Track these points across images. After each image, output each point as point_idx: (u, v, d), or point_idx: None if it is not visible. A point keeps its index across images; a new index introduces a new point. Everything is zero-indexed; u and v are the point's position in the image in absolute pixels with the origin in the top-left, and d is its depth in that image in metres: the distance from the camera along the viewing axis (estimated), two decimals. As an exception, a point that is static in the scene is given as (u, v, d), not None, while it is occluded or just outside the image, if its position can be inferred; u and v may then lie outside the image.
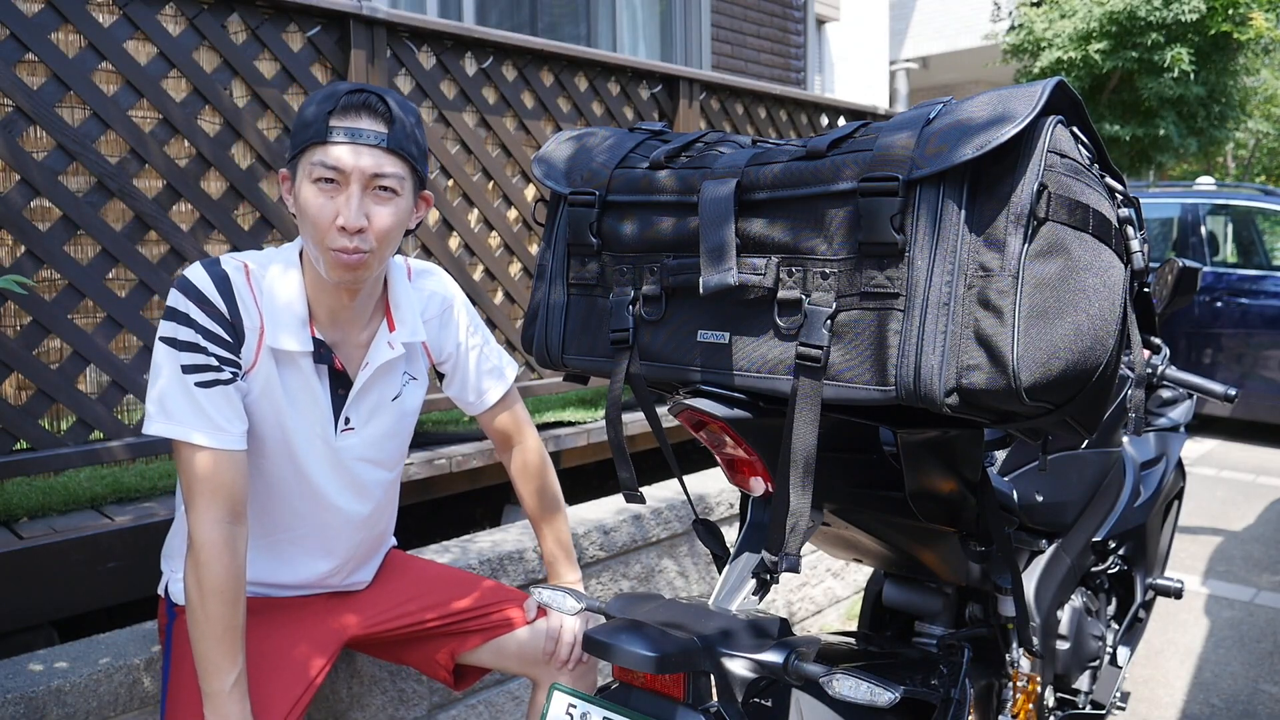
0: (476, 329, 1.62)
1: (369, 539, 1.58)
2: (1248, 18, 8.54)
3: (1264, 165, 14.72)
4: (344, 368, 1.44)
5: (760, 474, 1.15)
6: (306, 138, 1.30)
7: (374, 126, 1.30)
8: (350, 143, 1.28)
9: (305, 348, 1.38)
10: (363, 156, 1.29)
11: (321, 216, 1.30)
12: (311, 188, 1.30)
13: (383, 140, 1.30)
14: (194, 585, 1.32)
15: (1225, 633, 3.20)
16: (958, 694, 1.38)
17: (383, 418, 1.50)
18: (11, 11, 1.89)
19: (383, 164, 1.30)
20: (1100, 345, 0.92)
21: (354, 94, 1.30)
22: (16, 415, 1.94)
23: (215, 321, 1.32)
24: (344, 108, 1.29)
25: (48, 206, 2.01)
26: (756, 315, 1.04)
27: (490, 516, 3.16)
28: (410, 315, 1.50)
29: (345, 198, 1.29)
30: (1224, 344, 5.98)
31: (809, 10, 6.85)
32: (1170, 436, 2.41)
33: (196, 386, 1.30)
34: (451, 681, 1.66)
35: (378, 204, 1.32)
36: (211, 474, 1.31)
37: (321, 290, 1.40)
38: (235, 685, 1.32)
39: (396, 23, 2.44)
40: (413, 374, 1.54)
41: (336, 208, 1.29)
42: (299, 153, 1.32)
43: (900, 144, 0.94)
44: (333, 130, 1.28)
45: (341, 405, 1.45)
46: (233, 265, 1.36)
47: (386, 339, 1.46)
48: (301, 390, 1.41)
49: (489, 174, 2.79)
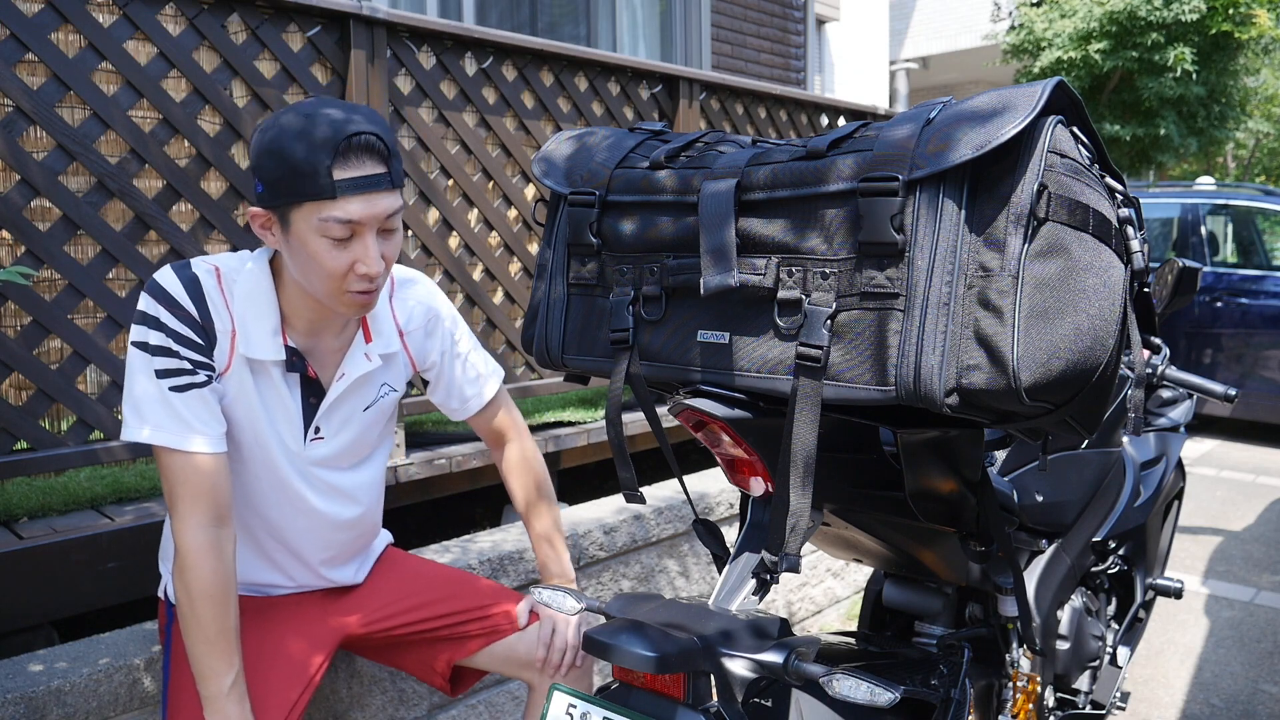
0: (462, 338, 1.60)
1: (354, 538, 1.58)
2: (1248, 17, 8.54)
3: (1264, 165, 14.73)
4: (317, 376, 1.42)
5: (760, 474, 1.15)
6: (308, 192, 1.22)
7: (376, 169, 1.25)
8: (361, 194, 1.23)
9: (278, 357, 1.36)
10: (375, 205, 1.25)
11: (338, 267, 1.26)
12: (323, 241, 1.25)
13: (386, 182, 1.26)
14: (182, 591, 1.31)
15: (1225, 633, 3.19)
16: (958, 694, 1.38)
17: (354, 426, 1.48)
18: (11, 11, 1.89)
19: (391, 204, 1.28)
20: (1100, 345, 0.92)
21: (351, 139, 1.22)
22: (16, 415, 1.94)
23: (186, 325, 1.30)
24: (344, 155, 1.21)
25: (48, 206, 2.01)
26: (756, 315, 1.04)
27: (490, 516, 3.16)
28: (387, 326, 1.47)
29: (362, 246, 1.26)
30: (1224, 344, 5.98)
31: (809, 10, 6.85)
32: (1170, 436, 2.41)
33: (171, 391, 1.29)
34: (449, 689, 1.66)
35: (386, 240, 1.30)
36: (191, 478, 1.30)
37: (300, 302, 1.37)
38: (233, 687, 1.32)
39: (396, 23, 2.44)
40: (392, 385, 1.52)
41: (353, 256, 1.26)
42: (293, 204, 1.24)
43: (900, 144, 0.94)
44: (340, 186, 1.21)
45: (313, 415, 1.43)
46: (203, 268, 1.34)
47: (364, 350, 1.44)
48: (273, 397, 1.39)
49: (489, 174, 2.79)
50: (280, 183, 1.23)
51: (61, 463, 2.00)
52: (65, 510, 2.06)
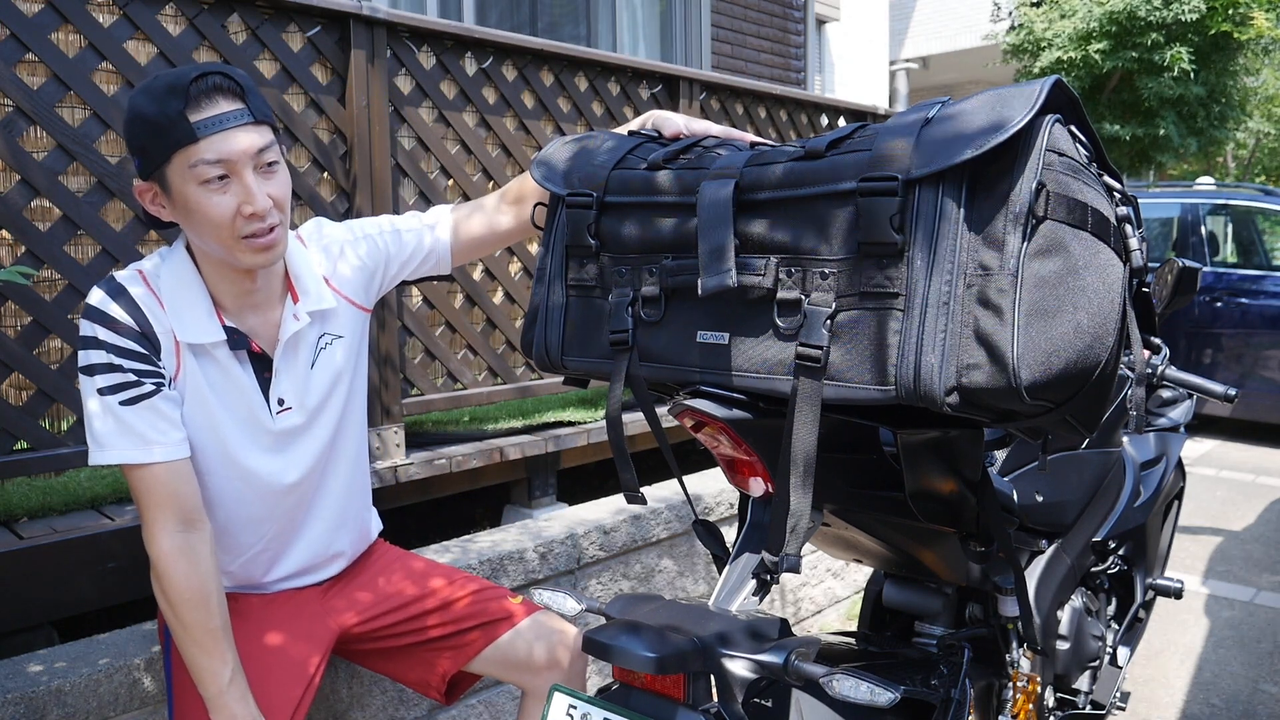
0: (362, 225, 1.56)
1: (346, 505, 1.57)
2: (1248, 17, 8.54)
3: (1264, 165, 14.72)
4: (262, 350, 1.42)
5: (760, 474, 1.15)
6: (170, 144, 1.23)
7: (233, 106, 1.25)
8: (222, 130, 1.24)
9: (217, 337, 1.36)
10: (241, 139, 1.25)
11: (224, 213, 1.26)
12: (198, 190, 1.25)
13: (248, 116, 1.26)
14: (162, 598, 1.32)
15: (1225, 633, 3.19)
16: (958, 694, 1.38)
17: (313, 387, 1.47)
18: (11, 11, 1.89)
19: (260, 138, 1.27)
20: (1100, 343, 0.92)
21: (197, 81, 1.23)
22: (16, 415, 1.94)
23: (125, 337, 1.30)
24: (196, 98, 1.23)
25: (48, 206, 2.01)
26: (756, 316, 1.04)
27: (490, 516, 3.16)
28: (312, 283, 1.46)
29: (241, 186, 1.26)
30: (1224, 344, 5.98)
31: (809, 10, 6.85)
32: (1170, 436, 2.41)
33: (121, 406, 1.29)
34: (444, 699, 1.66)
35: (269, 180, 1.30)
36: (153, 488, 1.31)
37: (221, 278, 1.37)
38: (232, 684, 1.32)
39: (396, 23, 2.44)
40: (334, 333, 1.49)
41: (236, 199, 1.26)
42: (164, 161, 1.25)
43: (899, 144, 0.94)
44: (197, 126, 1.22)
45: (267, 388, 1.43)
46: (127, 275, 1.34)
47: (292, 311, 1.43)
48: (225, 383, 1.39)
49: (489, 174, 2.79)
50: (147, 146, 1.25)
51: (61, 463, 2.00)
52: (65, 510, 2.06)
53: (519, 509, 2.90)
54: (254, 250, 1.30)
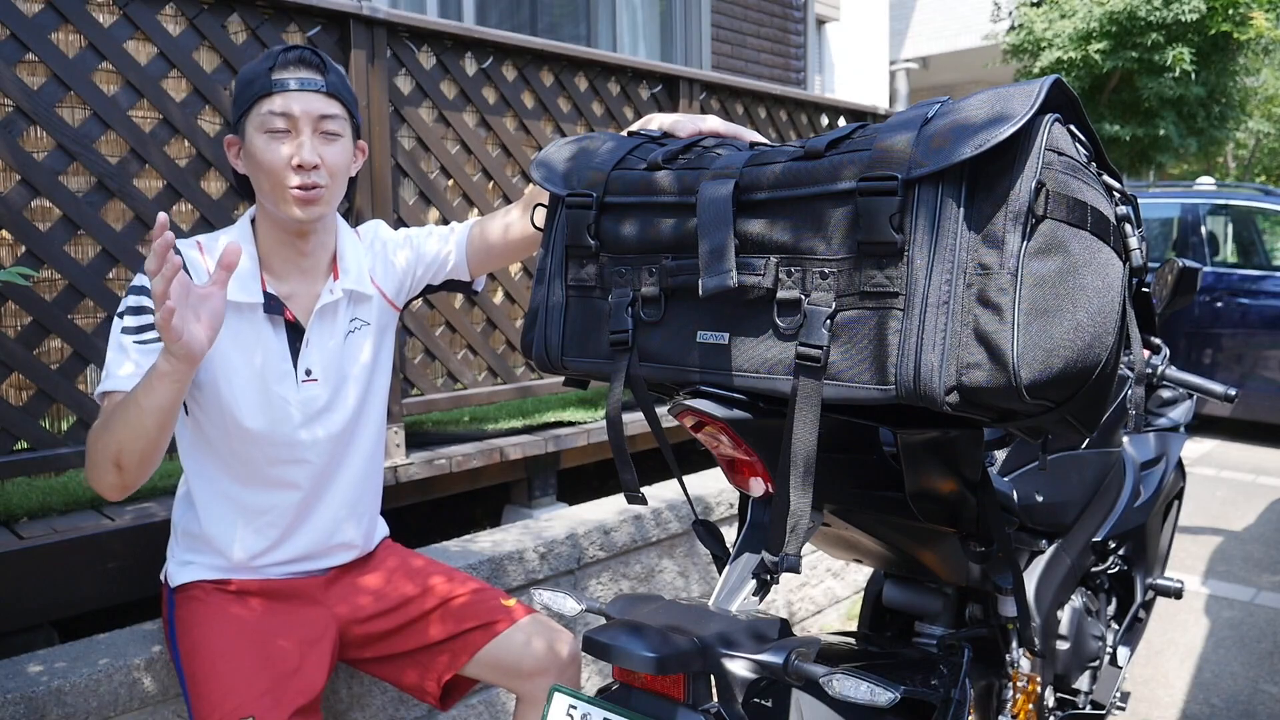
0: (408, 232, 1.69)
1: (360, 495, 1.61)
2: (1248, 17, 8.54)
3: (1264, 165, 14.72)
4: (295, 319, 1.51)
5: (760, 474, 1.14)
6: (252, 94, 1.41)
7: (312, 75, 1.43)
8: (296, 90, 1.40)
9: (256, 299, 1.46)
10: (309, 101, 1.41)
11: (277, 160, 1.40)
12: (263, 138, 1.41)
13: (322, 86, 1.43)
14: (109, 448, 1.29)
15: (1225, 633, 3.19)
16: (958, 694, 1.38)
17: (339, 361, 1.55)
18: (11, 11, 1.89)
19: (326, 107, 1.43)
20: (1100, 342, 0.92)
21: (289, 51, 1.42)
22: (16, 415, 1.94)
23: None
24: (283, 63, 1.41)
25: (48, 206, 2.01)
26: (756, 315, 1.04)
27: (490, 516, 3.16)
28: (355, 265, 1.58)
29: (297, 142, 1.41)
30: (1224, 344, 5.98)
31: (809, 10, 6.85)
32: (1170, 436, 2.40)
33: (136, 345, 1.37)
34: (440, 704, 1.66)
35: (326, 144, 1.44)
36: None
37: (276, 243, 1.50)
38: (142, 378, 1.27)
39: (396, 23, 2.44)
40: (365, 319, 1.59)
41: (291, 150, 1.41)
42: (245, 111, 1.42)
43: (898, 143, 0.94)
44: (276, 82, 1.40)
45: (297, 356, 1.51)
46: (185, 244, 1.47)
47: (329, 286, 1.54)
48: (255, 343, 1.47)
49: (489, 174, 2.79)
50: (238, 98, 1.44)
51: (61, 463, 2.00)
52: (65, 510, 2.06)
53: (519, 509, 2.90)
54: (297, 202, 1.42)
